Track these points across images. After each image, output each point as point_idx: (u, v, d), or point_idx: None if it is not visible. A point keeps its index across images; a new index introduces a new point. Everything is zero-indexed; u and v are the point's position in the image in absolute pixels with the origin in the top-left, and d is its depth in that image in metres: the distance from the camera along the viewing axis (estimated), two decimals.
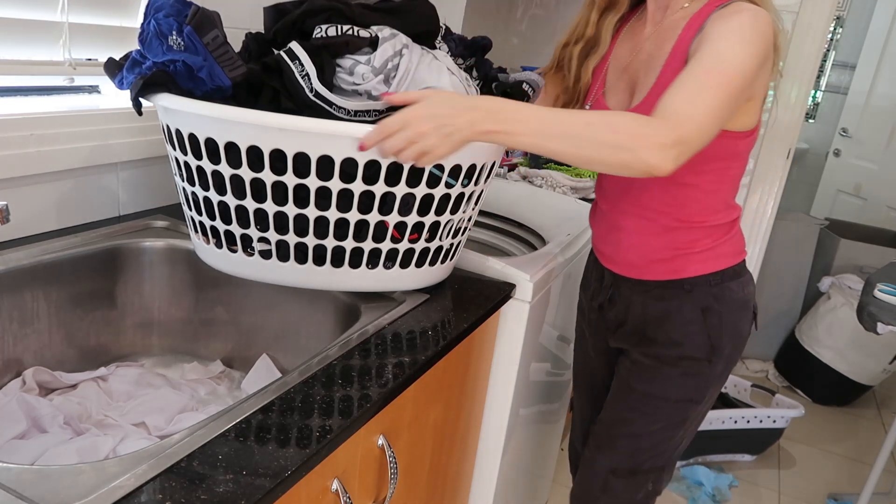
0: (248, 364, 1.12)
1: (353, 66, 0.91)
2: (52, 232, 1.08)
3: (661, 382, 1.09)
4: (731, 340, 1.07)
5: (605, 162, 0.83)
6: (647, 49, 1.04)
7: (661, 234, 1.05)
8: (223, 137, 0.83)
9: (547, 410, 1.57)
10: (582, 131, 0.81)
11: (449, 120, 0.78)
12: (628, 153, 0.81)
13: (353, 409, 0.72)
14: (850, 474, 2.36)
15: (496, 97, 0.84)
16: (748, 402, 2.41)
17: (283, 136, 0.82)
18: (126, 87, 0.87)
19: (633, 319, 1.11)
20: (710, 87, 0.84)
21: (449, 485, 1.17)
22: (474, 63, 1.07)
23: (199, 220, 0.94)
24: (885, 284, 1.90)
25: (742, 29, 0.88)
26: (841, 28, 3.82)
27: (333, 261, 0.94)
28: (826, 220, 3.14)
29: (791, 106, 2.18)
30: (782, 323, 3.01)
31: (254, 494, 0.57)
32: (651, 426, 1.11)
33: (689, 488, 2.14)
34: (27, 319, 0.98)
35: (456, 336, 0.93)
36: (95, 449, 0.86)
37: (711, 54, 0.87)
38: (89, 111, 1.11)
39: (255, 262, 0.94)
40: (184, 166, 0.90)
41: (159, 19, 0.84)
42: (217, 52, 0.85)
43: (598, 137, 0.81)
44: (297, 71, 0.88)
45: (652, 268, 1.07)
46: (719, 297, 1.05)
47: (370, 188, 0.87)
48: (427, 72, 0.91)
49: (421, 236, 0.96)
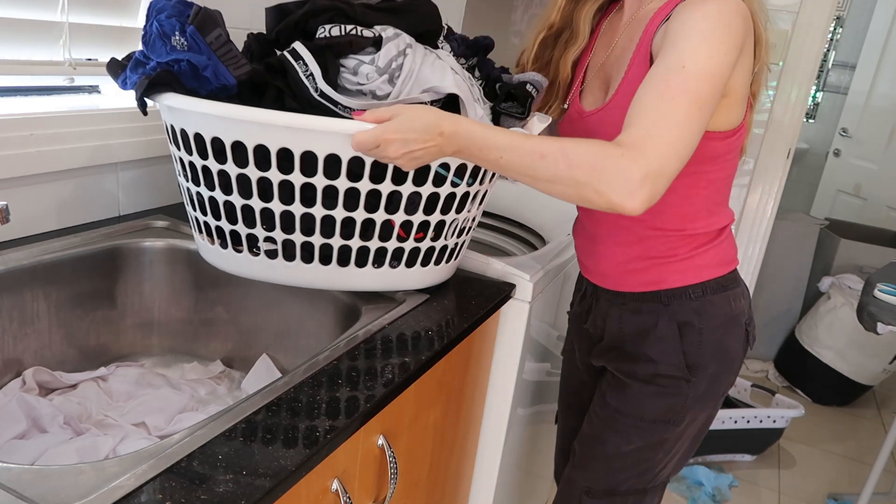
0: (248, 364, 1.12)
1: (357, 66, 0.91)
2: (52, 232, 1.08)
3: (634, 401, 1.02)
4: (716, 359, 0.99)
5: (567, 196, 0.79)
6: (620, 43, 0.99)
7: (636, 244, 1.00)
8: (230, 136, 0.83)
9: (547, 410, 1.57)
10: (537, 164, 0.77)
11: (416, 145, 0.79)
12: (589, 189, 0.76)
13: (354, 409, 0.72)
14: (850, 474, 2.36)
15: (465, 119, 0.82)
16: (748, 402, 2.41)
17: (291, 134, 0.82)
18: (130, 87, 0.87)
19: (610, 334, 1.06)
20: (675, 101, 0.77)
21: (449, 485, 1.17)
22: (476, 63, 1.07)
23: (204, 220, 0.94)
24: (885, 284, 1.90)
25: (705, 23, 0.80)
26: (841, 28, 3.82)
27: (339, 260, 0.94)
28: (826, 220, 3.14)
29: (791, 106, 2.18)
30: (782, 323, 3.01)
31: (254, 494, 0.57)
32: (625, 446, 1.04)
33: (689, 488, 2.14)
34: (27, 319, 0.98)
35: (456, 336, 0.93)
36: (95, 449, 0.86)
37: (673, 59, 0.80)
38: (89, 111, 1.11)
39: (260, 262, 0.94)
40: (188, 166, 0.90)
41: (161, 20, 0.84)
42: (220, 50, 0.84)
43: (552, 172, 0.77)
44: (302, 71, 0.88)
45: (627, 279, 1.02)
46: (700, 312, 0.98)
47: (377, 187, 0.87)
48: (431, 71, 0.91)
49: (426, 235, 0.96)
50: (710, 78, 0.79)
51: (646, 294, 1.01)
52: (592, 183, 0.75)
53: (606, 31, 1.05)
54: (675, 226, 0.97)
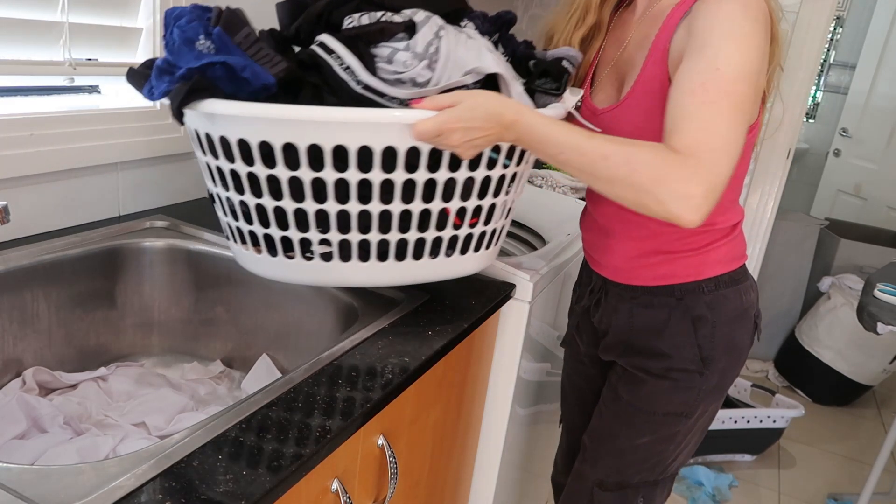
0: (248, 364, 1.12)
1: (391, 53, 0.85)
2: (52, 232, 1.08)
3: (647, 395, 1.03)
4: (727, 353, 1.00)
5: (623, 198, 0.78)
6: (633, 40, 0.98)
7: (650, 238, 1.00)
8: (281, 139, 0.77)
9: (546, 410, 1.57)
10: (598, 165, 0.77)
11: (478, 133, 0.78)
12: (649, 197, 0.75)
13: (353, 409, 0.72)
14: (850, 474, 2.36)
15: (525, 108, 0.80)
16: (748, 402, 2.41)
17: (347, 130, 0.78)
18: (158, 96, 0.80)
19: (618, 328, 1.06)
20: (716, 105, 0.76)
21: (449, 485, 1.17)
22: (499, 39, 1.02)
23: (248, 229, 0.88)
24: (885, 284, 1.90)
25: (733, 21, 0.79)
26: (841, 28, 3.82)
27: (397, 254, 0.90)
28: (826, 220, 3.14)
29: (791, 106, 2.19)
30: (782, 323, 3.01)
31: (254, 494, 0.57)
32: (637, 439, 1.05)
33: (689, 488, 2.14)
34: (27, 319, 0.98)
35: (456, 336, 0.93)
36: (95, 449, 0.86)
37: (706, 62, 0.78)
38: (89, 111, 1.11)
39: (313, 266, 0.89)
40: (230, 175, 0.83)
41: (182, 26, 0.80)
42: (251, 49, 0.80)
43: (613, 174, 0.76)
44: (338, 64, 0.84)
45: (640, 272, 1.02)
46: (713, 306, 0.99)
47: (433, 176, 0.84)
48: (466, 52, 0.87)
49: (479, 220, 0.94)
50: (746, 78, 0.78)
51: (658, 288, 1.01)
52: (654, 192, 0.75)
53: (616, 27, 1.04)
54: None
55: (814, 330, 2.80)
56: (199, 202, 1.34)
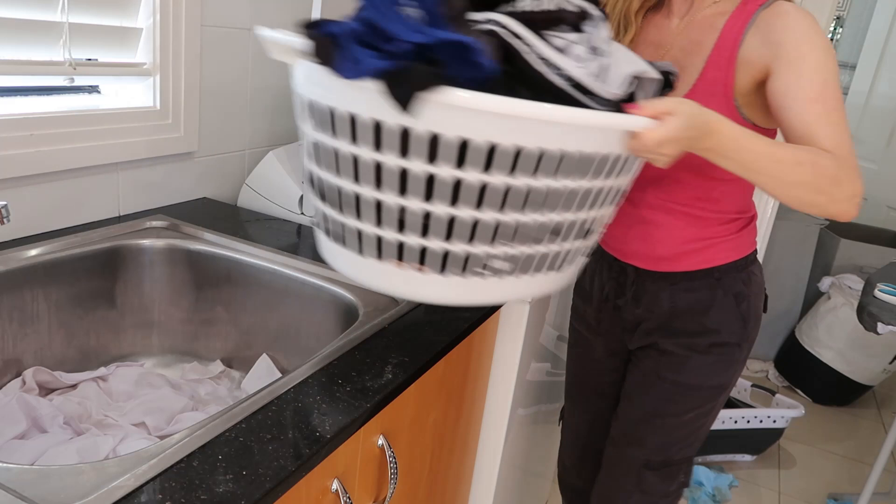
0: (248, 364, 1.12)
1: (565, 45, 0.72)
2: (52, 232, 1.08)
3: (694, 371, 1.09)
4: (756, 323, 1.10)
5: (799, 199, 0.83)
6: (677, 44, 1.00)
7: (692, 227, 1.05)
8: (512, 140, 0.64)
9: (547, 410, 1.57)
10: (789, 170, 0.81)
11: (689, 143, 0.75)
12: (825, 198, 0.82)
13: (353, 409, 0.72)
14: (850, 474, 2.36)
15: (723, 118, 0.78)
16: (748, 402, 2.41)
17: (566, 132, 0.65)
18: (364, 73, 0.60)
19: (660, 313, 1.09)
20: (838, 113, 0.85)
21: (449, 485, 1.17)
22: None
23: (422, 244, 0.71)
24: (885, 284, 1.90)
25: (817, 34, 0.88)
26: (841, 28, 3.82)
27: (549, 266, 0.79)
28: (826, 220, 3.14)
29: None
30: (782, 323, 3.01)
31: (254, 494, 0.57)
32: (683, 415, 1.11)
33: (690, 488, 2.14)
34: (27, 319, 0.98)
35: (456, 336, 0.93)
36: (95, 449, 0.86)
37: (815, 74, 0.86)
38: (89, 111, 1.11)
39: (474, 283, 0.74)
40: (414, 180, 0.66)
41: None
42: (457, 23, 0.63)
43: (800, 178, 0.81)
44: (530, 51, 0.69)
45: (682, 259, 1.07)
46: (747, 282, 1.07)
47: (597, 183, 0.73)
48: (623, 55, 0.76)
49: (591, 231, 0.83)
50: (838, 83, 0.88)
51: (699, 272, 1.07)
52: (831, 192, 0.82)
53: (647, 31, 1.06)
54: (731, 210, 1.05)
55: (814, 330, 2.80)
56: (200, 202, 1.34)
